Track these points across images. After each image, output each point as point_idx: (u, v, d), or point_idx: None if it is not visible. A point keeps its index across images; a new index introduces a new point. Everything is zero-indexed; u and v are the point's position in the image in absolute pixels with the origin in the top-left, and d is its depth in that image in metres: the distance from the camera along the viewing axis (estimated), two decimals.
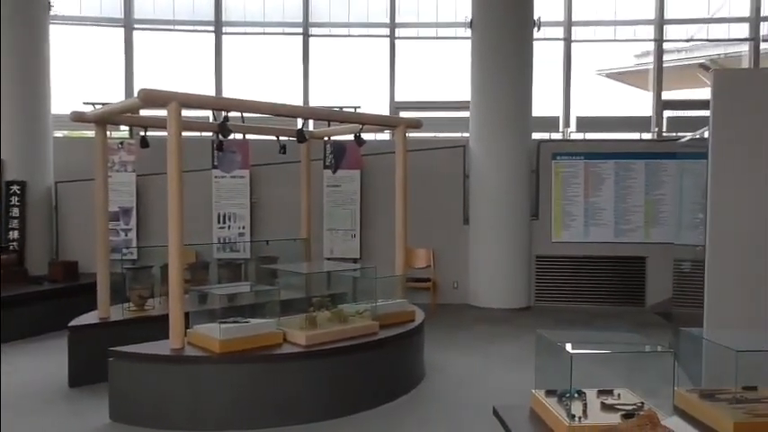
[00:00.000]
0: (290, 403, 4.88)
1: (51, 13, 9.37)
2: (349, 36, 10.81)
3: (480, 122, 9.61)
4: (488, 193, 9.51)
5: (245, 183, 9.40)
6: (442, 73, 10.81)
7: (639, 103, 10.97)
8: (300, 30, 10.65)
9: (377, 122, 7.01)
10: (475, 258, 9.71)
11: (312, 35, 10.69)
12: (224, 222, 9.34)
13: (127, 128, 9.71)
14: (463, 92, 9.95)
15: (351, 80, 10.83)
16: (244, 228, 9.36)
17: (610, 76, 11.64)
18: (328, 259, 9.16)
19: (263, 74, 10.77)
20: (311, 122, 9.19)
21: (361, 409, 5.12)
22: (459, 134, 10.33)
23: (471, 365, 6.57)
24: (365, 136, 6.77)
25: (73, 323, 5.90)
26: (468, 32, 9.84)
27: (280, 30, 10.77)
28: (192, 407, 4.76)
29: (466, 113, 9.98)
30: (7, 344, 7.28)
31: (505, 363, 6.63)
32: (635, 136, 10.34)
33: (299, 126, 6.81)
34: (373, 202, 9.61)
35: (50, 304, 7.91)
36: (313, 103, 10.59)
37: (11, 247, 8.65)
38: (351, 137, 7.09)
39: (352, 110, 9.41)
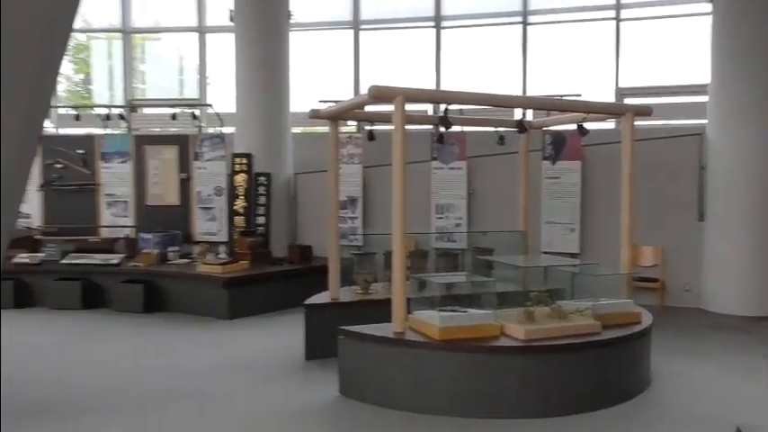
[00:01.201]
0: (505, 397, 4.86)
1: (291, 21, 10.33)
2: (570, 21, 10.38)
3: (722, 108, 8.63)
4: (731, 186, 8.53)
5: (463, 174, 9.54)
6: (674, 55, 9.90)
7: None
8: (519, 18, 10.48)
9: (602, 111, 6.66)
10: (711, 259, 8.78)
11: (530, 23, 10.47)
12: (441, 213, 9.58)
13: (354, 123, 10.39)
14: (700, 74, 9.01)
15: (571, 67, 10.40)
16: (461, 219, 9.51)
17: None
18: (545, 253, 8.93)
19: (481, 65, 10.81)
20: (530, 112, 9.00)
21: (577, 410, 4.92)
22: (694, 121, 9.40)
23: (704, 376, 5.96)
24: (587, 125, 6.47)
25: (308, 302, 6.50)
26: (709, 7, 8.87)
27: (497, 20, 10.70)
28: (413, 389, 4.97)
29: (703, 98, 9.04)
30: (253, 316, 8.27)
31: (744, 377, 5.90)
32: None
33: (519, 116, 6.71)
34: (595, 195, 9.16)
35: (288, 283, 8.80)
36: (532, 92, 10.37)
37: (258, 231, 9.76)
38: (571, 126, 6.82)
39: (574, 98, 9.03)
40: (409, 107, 5.29)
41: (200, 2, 11.50)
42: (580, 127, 6.41)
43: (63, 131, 11.41)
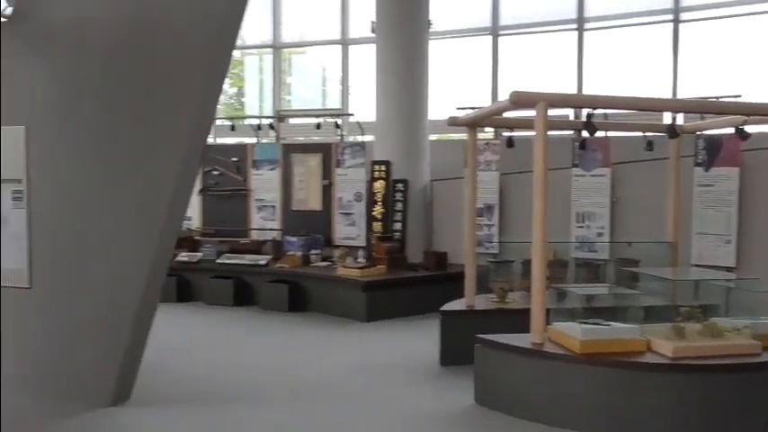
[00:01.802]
0: (647, 416, 4.59)
1: (430, 29, 10.47)
2: (728, 17, 9.62)
3: None
4: None
5: (606, 181, 9.14)
6: None
7: None
8: (670, 16, 9.87)
9: (766, 112, 6.10)
10: None
11: (683, 21, 9.82)
12: (582, 222, 9.24)
13: (491, 129, 10.31)
14: None
15: (729, 66, 9.63)
16: (603, 228, 9.12)
17: None
18: (696, 266, 8.31)
19: (626, 67, 10.31)
20: (680, 116, 8.45)
21: None
22: None
23: None
24: (748, 128, 5.96)
25: (444, 308, 6.54)
26: None
27: (645, 19, 10.15)
28: (551, 402, 4.85)
29: None
30: (389, 320, 8.46)
31: None
32: None
33: (670, 120, 6.33)
34: (755, 204, 8.38)
35: (423, 289, 8.91)
36: (683, 94, 9.72)
37: (394, 236, 9.98)
38: (728, 130, 6.32)
39: (732, 99, 8.35)
40: (550, 112, 5.19)
41: (343, 15, 11.98)
42: (740, 130, 5.93)
43: (220, 141, 12.36)
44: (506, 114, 6.66)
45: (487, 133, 10.61)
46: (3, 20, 5.57)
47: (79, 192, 5.20)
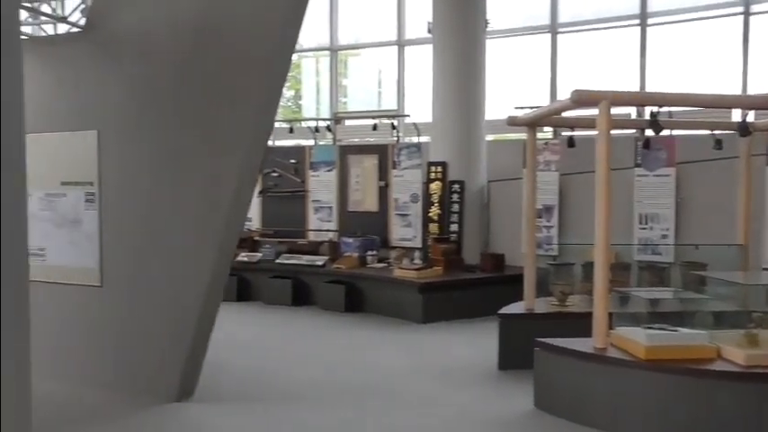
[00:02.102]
0: (719, 427, 4.40)
1: (487, 29, 10.37)
2: None
3: None
4: None
5: (671, 181, 8.83)
6: None
7: None
8: (740, 9, 9.47)
9: None
10: None
11: (753, 13, 9.40)
12: (645, 223, 8.96)
13: (550, 129, 10.13)
14: None
15: None
16: (667, 229, 8.82)
17: None
18: None
19: (691, 64, 9.95)
20: (751, 113, 8.10)
21: None
22: None
23: None
24: None
25: (502, 311, 6.46)
26: None
27: (713, 12, 9.77)
28: (613, 408, 4.72)
29: None
30: (445, 322, 8.41)
31: None
32: None
33: (741, 118, 6.07)
34: None
35: (480, 291, 8.82)
36: (754, 90, 9.30)
37: (451, 238, 9.93)
38: None
39: None
40: (612, 111, 5.06)
41: (399, 16, 11.99)
42: None
43: (279, 143, 12.57)
44: (566, 113, 6.54)
45: (546, 133, 10.43)
46: (76, 30, 5.83)
47: (146, 193, 5.38)
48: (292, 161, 11.25)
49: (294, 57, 13.59)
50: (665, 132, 7.37)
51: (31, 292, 5.58)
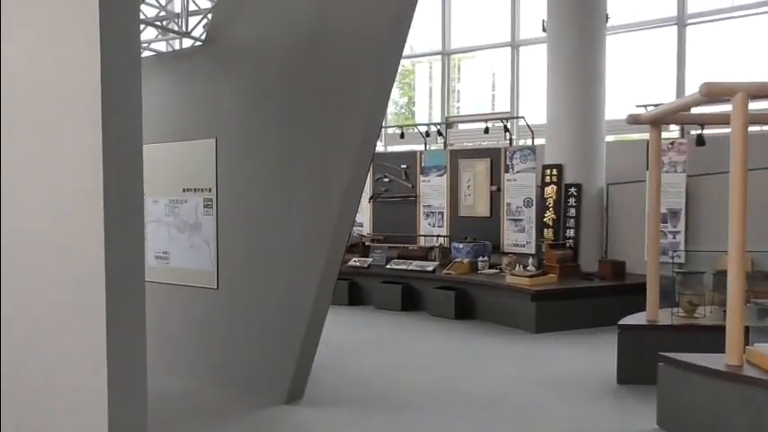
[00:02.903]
0: None
1: (608, 24, 9.85)
2: None
3: None
4: None
5: None
6: None
7: None
8: None
9: None
10: None
11: None
12: None
13: (677, 127, 9.46)
14: None
15: None
16: None
17: None
18: None
19: None
20: None
21: None
22: None
23: None
24: None
25: (623, 322, 6.06)
26: None
27: None
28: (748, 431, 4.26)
29: None
30: (560, 332, 8.03)
31: None
32: None
33: None
34: None
35: (599, 300, 8.35)
36: None
37: (567, 244, 9.50)
38: None
39: None
40: (752, 105, 4.59)
41: (513, 16, 11.71)
42: None
43: (390, 149, 12.67)
44: (695, 110, 6.04)
45: (672, 132, 9.75)
46: (199, 44, 6.14)
47: (259, 198, 5.56)
48: (403, 166, 11.27)
49: (408, 63, 13.80)
50: None
51: (156, 294, 5.98)
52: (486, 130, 10.85)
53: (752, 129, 7.94)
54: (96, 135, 3.05)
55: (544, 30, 10.05)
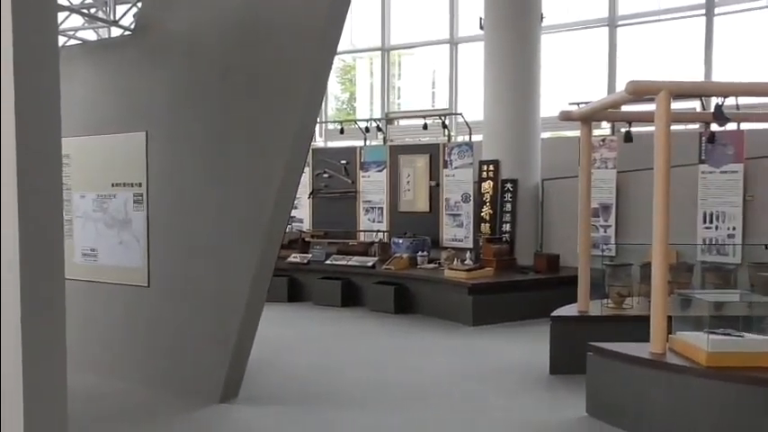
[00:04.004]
0: None
1: (543, 24, 10.06)
2: None
3: None
4: None
5: (738, 178, 8.33)
6: None
7: None
8: None
9: None
10: None
11: None
12: (710, 222, 8.49)
13: (608, 125, 9.75)
14: None
15: None
16: (734, 229, 8.33)
17: None
18: None
19: (762, 56, 9.38)
20: None
21: None
22: None
23: None
24: None
25: (555, 313, 6.22)
26: None
27: None
28: (670, 418, 4.44)
29: None
30: (496, 324, 8.17)
31: None
32: None
33: None
34: None
35: (534, 293, 8.54)
36: None
37: (503, 238, 9.67)
38: None
39: None
40: (674, 105, 4.76)
41: (452, 14, 11.82)
42: None
43: (330, 144, 12.60)
44: (624, 108, 6.23)
45: (603, 129, 10.06)
46: (128, 33, 5.93)
47: (191, 193, 5.42)
48: (343, 162, 11.23)
49: (349, 58, 13.74)
50: (731, 126, 6.97)
51: (83, 292, 5.75)
52: (425, 126, 10.93)
53: (678, 127, 8.31)
54: (9, 127, 2.89)
55: (482, 27, 10.18)
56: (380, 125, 11.75)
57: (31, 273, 2.96)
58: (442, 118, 11.16)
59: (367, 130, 11.55)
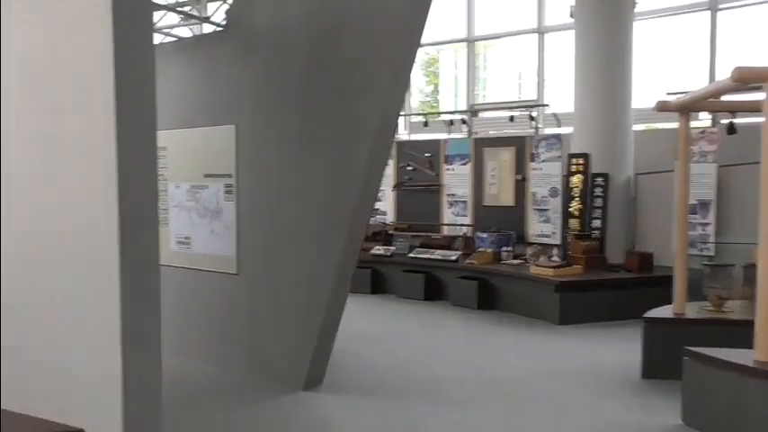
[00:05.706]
0: None
1: (636, 10, 9.60)
2: None
3: None
4: None
5: None
6: None
7: None
8: None
9: None
10: None
11: None
12: None
13: (708, 116, 9.20)
14: None
15: None
16: None
17: None
18: None
19: None
20: None
21: None
22: None
23: None
24: None
25: (648, 315, 5.93)
26: None
27: None
28: None
29: None
30: (584, 324, 7.89)
31: None
32: None
33: None
34: None
35: (625, 292, 8.19)
36: None
37: (593, 234, 9.32)
38: None
39: None
40: None
41: (540, 3, 11.48)
42: None
43: (414, 137, 12.56)
44: (727, 97, 5.84)
45: (703, 120, 9.49)
46: (219, 29, 6.12)
47: (279, 184, 5.53)
48: (427, 155, 11.17)
49: (433, 50, 13.63)
50: None
51: (177, 278, 6.01)
52: (512, 119, 10.69)
53: None
54: (110, 121, 3.03)
55: (571, 16, 9.83)
56: (465, 118, 11.59)
57: (129, 259, 3.10)
58: (529, 110, 10.87)
59: (451, 123, 11.43)
